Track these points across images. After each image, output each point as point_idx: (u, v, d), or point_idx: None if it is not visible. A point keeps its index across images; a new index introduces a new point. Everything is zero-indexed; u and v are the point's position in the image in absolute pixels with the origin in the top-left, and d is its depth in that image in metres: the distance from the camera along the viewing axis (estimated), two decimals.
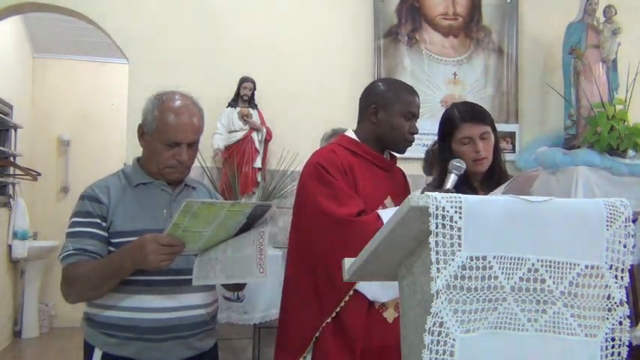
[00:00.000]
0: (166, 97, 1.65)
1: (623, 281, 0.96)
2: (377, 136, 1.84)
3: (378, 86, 1.89)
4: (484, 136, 1.75)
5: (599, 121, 3.72)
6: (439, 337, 0.89)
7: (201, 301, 1.65)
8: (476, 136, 1.74)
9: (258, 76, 3.67)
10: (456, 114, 1.78)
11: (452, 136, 1.78)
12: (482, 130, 1.75)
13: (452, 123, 1.78)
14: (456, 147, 1.77)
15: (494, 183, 1.77)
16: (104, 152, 5.61)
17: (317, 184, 1.74)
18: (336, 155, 1.78)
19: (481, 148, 1.73)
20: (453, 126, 1.77)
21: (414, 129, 1.83)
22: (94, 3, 3.65)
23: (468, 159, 1.74)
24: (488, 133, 1.76)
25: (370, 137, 1.85)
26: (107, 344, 1.56)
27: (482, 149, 1.74)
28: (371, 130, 1.84)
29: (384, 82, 1.96)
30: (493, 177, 1.79)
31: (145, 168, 1.69)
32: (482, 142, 1.74)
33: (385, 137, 1.83)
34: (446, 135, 1.80)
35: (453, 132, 1.77)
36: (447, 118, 1.81)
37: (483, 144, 1.74)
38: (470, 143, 1.75)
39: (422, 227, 0.94)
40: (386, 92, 1.83)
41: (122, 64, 4.65)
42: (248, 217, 1.53)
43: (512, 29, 4.19)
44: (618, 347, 0.97)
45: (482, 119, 1.76)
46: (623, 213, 0.97)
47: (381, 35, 3.98)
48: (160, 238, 1.45)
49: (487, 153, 1.76)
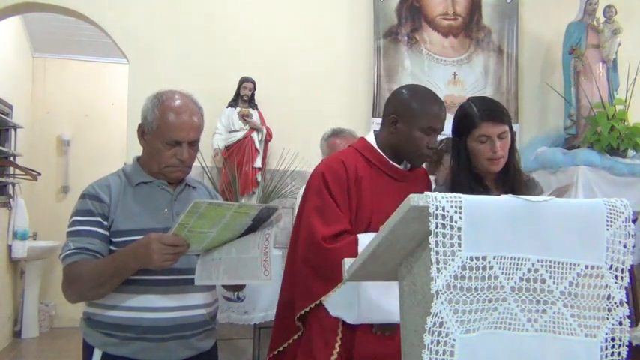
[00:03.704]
0: (166, 96, 1.64)
1: (623, 281, 0.96)
2: (393, 146, 1.78)
3: (401, 94, 1.78)
4: (502, 136, 1.71)
5: (599, 121, 3.72)
6: (439, 337, 0.89)
7: (202, 301, 1.65)
8: (494, 136, 1.70)
9: (258, 76, 3.67)
10: (475, 112, 1.73)
11: (469, 134, 1.73)
12: (501, 130, 1.71)
13: (470, 121, 1.73)
14: (472, 145, 1.73)
15: (509, 182, 1.75)
16: (104, 152, 5.61)
17: (314, 194, 1.74)
18: (344, 167, 1.73)
19: (498, 148, 1.70)
20: (471, 124, 1.72)
21: (433, 144, 1.76)
22: (94, 3, 3.65)
23: (483, 158, 1.72)
24: (506, 133, 1.72)
25: (387, 146, 1.79)
26: (107, 344, 1.56)
27: (499, 149, 1.70)
28: (388, 138, 1.78)
29: (409, 90, 1.80)
30: (508, 176, 1.77)
31: (145, 167, 1.68)
32: (500, 141, 1.71)
33: (401, 149, 1.76)
34: (462, 132, 1.76)
35: (470, 130, 1.73)
36: (465, 114, 1.76)
37: (501, 143, 1.71)
38: (487, 142, 1.71)
39: (422, 227, 0.94)
40: (408, 102, 1.74)
41: (122, 64, 4.65)
42: (254, 219, 1.53)
43: (512, 29, 4.19)
44: (618, 347, 0.97)
45: (501, 119, 1.72)
46: (623, 213, 0.97)
47: (381, 35, 3.98)
48: (165, 238, 1.44)
49: (504, 152, 1.73)
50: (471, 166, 1.77)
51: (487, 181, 1.78)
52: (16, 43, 5.19)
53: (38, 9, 3.81)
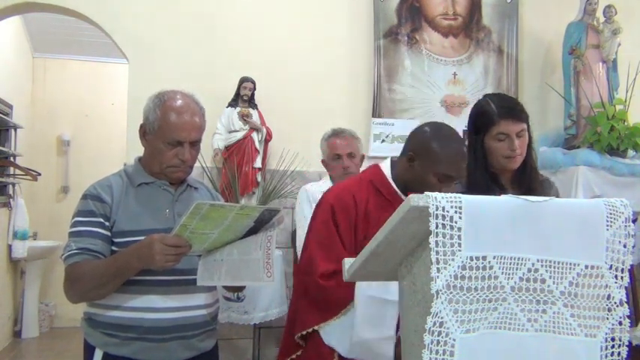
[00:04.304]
0: (168, 96, 1.64)
1: (623, 281, 0.97)
2: (407, 182, 1.71)
3: (425, 133, 1.68)
4: (520, 134, 1.70)
5: (599, 121, 3.72)
6: (439, 337, 0.89)
7: (203, 302, 1.65)
8: (513, 134, 1.69)
9: (258, 76, 3.67)
10: (494, 109, 1.70)
11: (486, 131, 1.72)
12: (520, 128, 1.70)
13: (488, 118, 1.71)
14: (490, 143, 1.72)
15: (525, 181, 1.74)
16: (104, 152, 5.61)
17: (320, 224, 1.72)
18: (354, 201, 1.69)
19: (517, 146, 1.69)
20: (490, 121, 1.70)
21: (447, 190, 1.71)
22: (94, 3, 3.64)
23: (500, 155, 1.70)
24: (525, 131, 1.71)
25: (401, 179, 1.73)
26: (108, 344, 1.56)
27: (518, 147, 1.69)
28: (403, 173, 1.71)
29: (432, 130, 1.67)
30: (525, 175, 1.76)
31: (146, 167, 1.68)
32: (519, 139, 1.70)
33: (413, 187, 1.65)
34: (480, 129, 1.74)
35: (488, 127, 1.71)
36: (483, 112, 1.73)
37: (519, 141, 1.70)
38: (506, 140, 1.70)
39: (422, 227, 0.94)
40: (428, 144, 1.63)
41: (122, 64, 4.65)
42: (256, 220, 1.52)
43: (512, 29, 4.19)
44: (618, 347, 0.97)
45: (520, 117, 1.70)
46: (623, 213, 0.97)
47: (381, 35, 3.98)
48: (167, 239, 1.44)
49: (522, 150, 1.72)
50: (487, 165, 1.75)
51: (503, 180, 1.76)
52: (16, 43, 5.19)
53: (38, 9, 3.80)
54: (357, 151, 2.78)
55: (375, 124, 3.92)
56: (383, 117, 3.93)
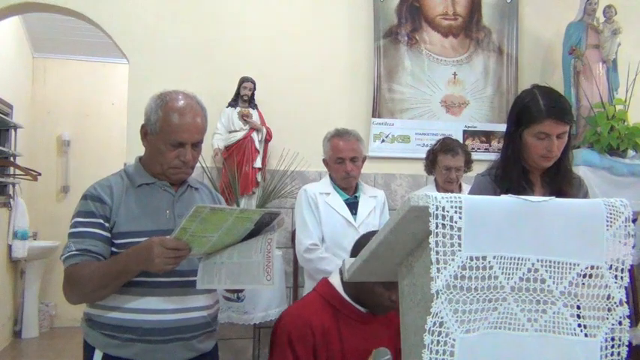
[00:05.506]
0: (170, 97, 1.64)
1: (623, 281, 0.96)
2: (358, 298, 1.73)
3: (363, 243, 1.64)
4: (561, 136, 1.67)
5: (599, 121, 3.73)
6: (439, 337, 0.89)
7: (203, 303, 1.65)
8: (554, 134, 1.65)
9: (258, 76, 3.67)
10: (542, 107, 1.65)
11: (528, 127, 1.68)
12: (562, 130, 1.66)
13: (533, 115, 1.66)
14: (528, 138, 1.68)
15: (558, 181, 1.72)
16: (104, 152, 5.61)
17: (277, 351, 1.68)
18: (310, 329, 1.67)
19: (555, 148, 1.66)
20: (533, 118, 1.66)
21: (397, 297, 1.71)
22: (94, 3, 3.64)
23: (536, 153, 1.67)
24: (566, 133, 1.68)
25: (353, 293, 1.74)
26: (108, 345, 1.56)
27: (556, 149, 1.66)
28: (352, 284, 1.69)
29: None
30: (558, 175, 1.73)
31: (147, 168, 1.68)
32: (558, 140, 1.66)
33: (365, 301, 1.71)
34: (521, 123, 1.69)
35: (530, 123, 1.67)
36: (528, 107, 1.68)
37: (558, 143, 1.66)
38: (545, 139, 1.66)
39: (422, 227, 0.94)
40: None
41: (122, 64, 4.65)
42: (256, 223, 1.52)
43: (512, 29, 4.19)
44: (618, 347, 0.97)
45: (566, 119, 1.66)
46: (623, 213, 0.97)
47: (381, 35, 3.98)
48: (167, 242, 1.44)
49: (559, 152, 1.68)
50: (520, 158, 1.72)
51: (532, 176, 1.74)
52: (16, 43, 5.19)
53: (38, 9, 3.80)
54: (360, 155, 2.74)
55: (375, 124, 3.92)
56: (383, 117, 3.93)
